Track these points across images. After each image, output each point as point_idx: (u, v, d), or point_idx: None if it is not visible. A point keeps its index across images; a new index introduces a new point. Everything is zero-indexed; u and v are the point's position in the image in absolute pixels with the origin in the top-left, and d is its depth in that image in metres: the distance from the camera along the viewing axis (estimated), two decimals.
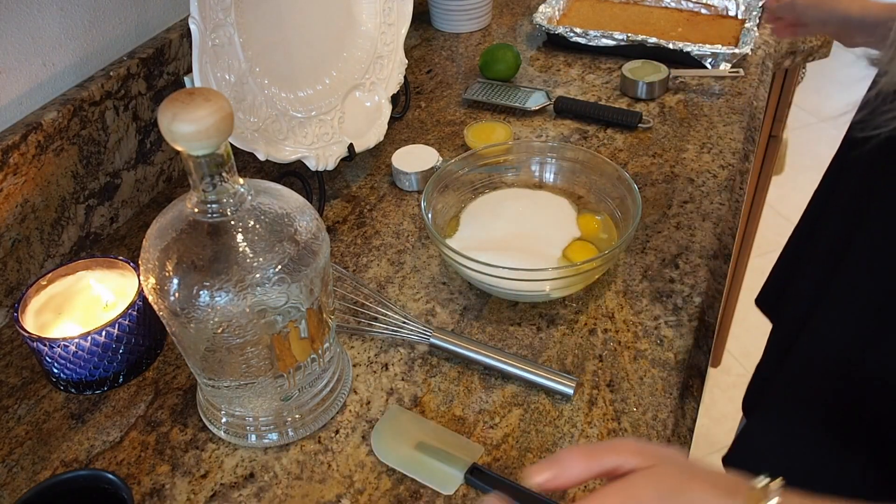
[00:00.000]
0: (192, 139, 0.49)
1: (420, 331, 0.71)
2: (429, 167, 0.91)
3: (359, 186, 0.93)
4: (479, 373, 0.70)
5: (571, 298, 0.76)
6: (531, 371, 0.67)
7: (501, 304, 0.76)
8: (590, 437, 0.64)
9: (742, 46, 1.07)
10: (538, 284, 0.71)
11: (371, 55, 0.94)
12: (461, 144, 0.98)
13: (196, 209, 0.54)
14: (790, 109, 1.42)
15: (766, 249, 0.87)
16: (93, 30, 0.84)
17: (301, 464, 0.63)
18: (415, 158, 0.92)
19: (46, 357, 0.66)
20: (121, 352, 0.68)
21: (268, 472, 0.63)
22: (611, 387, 0.67)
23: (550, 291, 0.73)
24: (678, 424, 0.65)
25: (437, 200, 0.80)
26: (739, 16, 1.19)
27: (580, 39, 1.13)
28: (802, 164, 2.51)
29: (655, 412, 0.65)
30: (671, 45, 1.08)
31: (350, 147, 0.87)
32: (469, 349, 0.69)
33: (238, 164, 0.57)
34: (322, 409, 0.65)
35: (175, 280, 0.54)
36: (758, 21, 1.14)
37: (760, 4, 1.16)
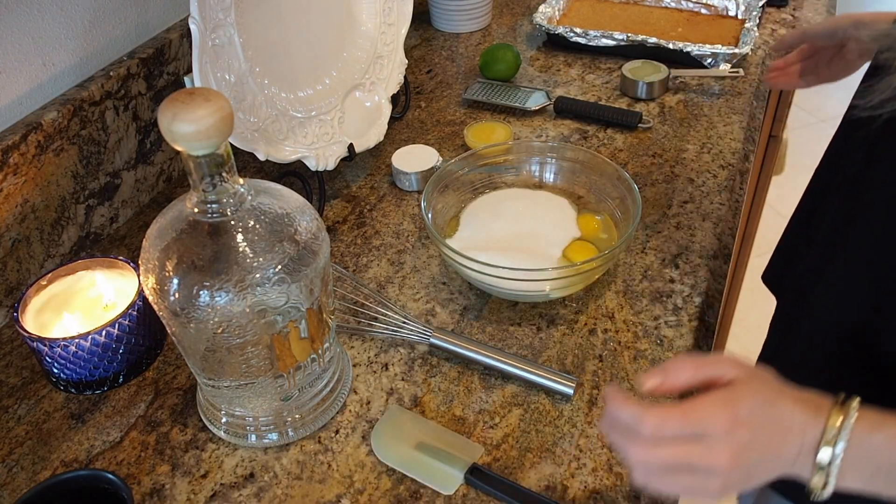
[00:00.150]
0: (192, 139, 0.49)
1: (420, 331, 0.71)
2: (429, 167, 0.91)
3: (359, 186, 0.93)
4: (479, 373, 0.70)
5: (571, 298, 0.76)
6: (531, 371, 0.67)
7: (501, 304, 0.76)
8: (590, 437, 0.63)
9: (742, 46, 1.07)
10: (538, 284, 0.71)
11: (371, 55, 0.94)
12: (461, 144, 0.98)
13: (196, 209, 0.54)
14: (790, 109, 1.42)
15: (766, 249, 0.87)
16: (93, 30, 0.84)
17: (301, 464, 0.63)
18: (415, 158, 0.92)
19: (46, 357, 0.66)
20: (121, 352, 0.68)
21: (268, 472, 0.63)
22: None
23: (550, 291, 0.73)
24: None
25: (437, 200, 0.80)
26: (739, 16, 1.19)
27: (580, 39, 1.13)
28: (802, 164, 2.50)
29: None
30: (671, 45, 1.08)
31: (350, 147, 0.87)
32: (469, 349, 0.69)
33: (238, 164, 0.57)
34: (322, 409, 0.65)
35: (175, 280, 0.54)
36: (758, 21, 1.14)
37: (760, 4, 1.16)
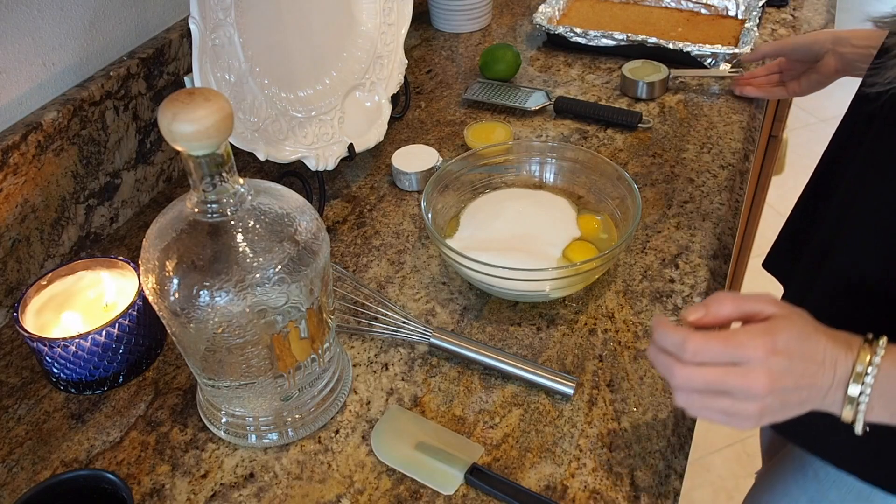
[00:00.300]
0: (192, 139, 0.49)
1: (420, 331, 0.71)
2: (429, 167, 0.91)
3: (359, 186, 0.93)
4: (479, 373, 0.70)
5: (571, 298, 0.76)
6: (531, 371, 0.67)
7: (501, 304, 0.76)
8: (590, 437, 0.63)
9: (742, 46, 1.07)
10: (538, 284, 0.71)
11: (371, 55, 0.94)
12: (461, 144, 0.98)
13: (196, 209, 0.54)
14: (790, 109, 1.42)
15: (766, 249, 0.87)
16: (93, 30, 0.84)
17: (301, 464, 0.63)
18: (415, 158, 0.92)
19: (46, 357, 0.66)
20: (121, 352, 0.68)
21: (268, 472, 0.63)
22: (611, 387, 0.67)
23: (550, 291, 0.73)
24: (678, 424, 0.65)
25: (437, 200, 0.80)
26: (739, 16, 1.19)
27: (580, 39, 1.13)
28: (802, 164, 2.51)
29: (655, 412, 0.65)
30: (671, 45, 1.08)
31: (350, 147, 0.87)
32: (469, 349, 0.69)
33: (238, 164, 0.57)
34: (322, 409, 0.65)
35: (175, 280, 0.54)
36: (758, 21, 1.14)
37: (760, 4, 1.16)
